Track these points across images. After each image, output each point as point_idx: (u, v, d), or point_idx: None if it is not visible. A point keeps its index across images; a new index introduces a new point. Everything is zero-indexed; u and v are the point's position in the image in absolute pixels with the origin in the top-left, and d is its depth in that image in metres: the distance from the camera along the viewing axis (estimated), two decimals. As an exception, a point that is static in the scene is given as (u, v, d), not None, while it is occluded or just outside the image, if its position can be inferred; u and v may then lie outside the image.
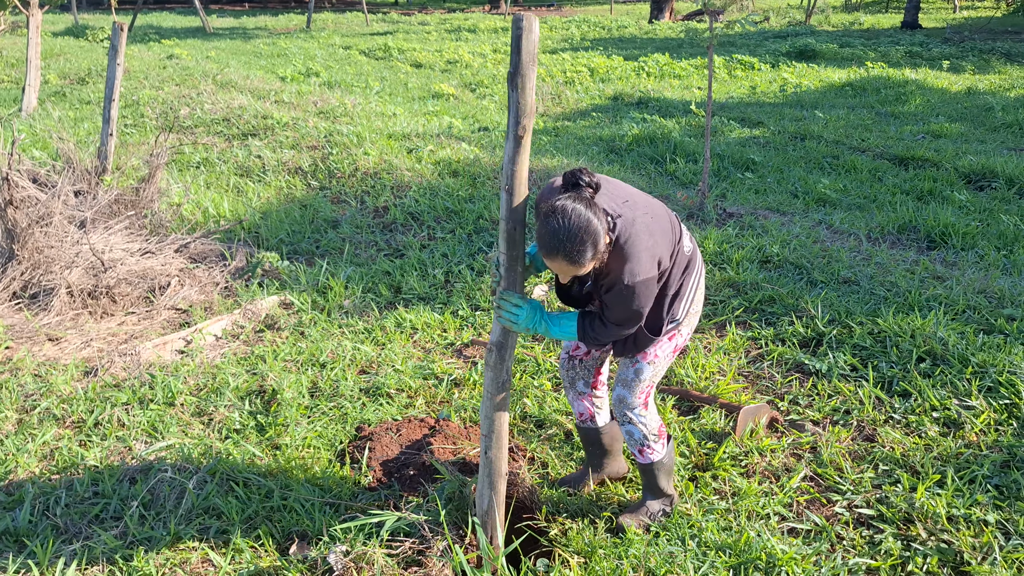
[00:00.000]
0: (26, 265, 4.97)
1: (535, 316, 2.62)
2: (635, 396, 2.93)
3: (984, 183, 7.90)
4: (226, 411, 3.90)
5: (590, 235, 2.38)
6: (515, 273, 2.60)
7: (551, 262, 2.44)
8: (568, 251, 2.38)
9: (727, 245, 5.75)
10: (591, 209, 2.40)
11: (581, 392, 3.19)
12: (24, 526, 3.05)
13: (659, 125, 10.11)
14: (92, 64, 13.94)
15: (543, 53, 18.04)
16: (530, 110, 2.37)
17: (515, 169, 2.43)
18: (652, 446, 3.01)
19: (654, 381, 2.95)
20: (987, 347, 4.26)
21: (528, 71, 2.33)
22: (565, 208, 2.38)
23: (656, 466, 3.05)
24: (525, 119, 2.37)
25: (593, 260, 2.44)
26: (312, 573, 2.84)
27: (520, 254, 2.58)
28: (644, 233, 2.55)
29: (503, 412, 2.75)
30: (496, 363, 2.70)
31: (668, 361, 2.93)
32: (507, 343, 2.69)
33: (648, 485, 3.12)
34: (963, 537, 3.01)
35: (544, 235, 2.40)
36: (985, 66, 15.64)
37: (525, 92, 2.35)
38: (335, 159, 8.00)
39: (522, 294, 2.64)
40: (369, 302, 5.16)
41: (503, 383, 2.71)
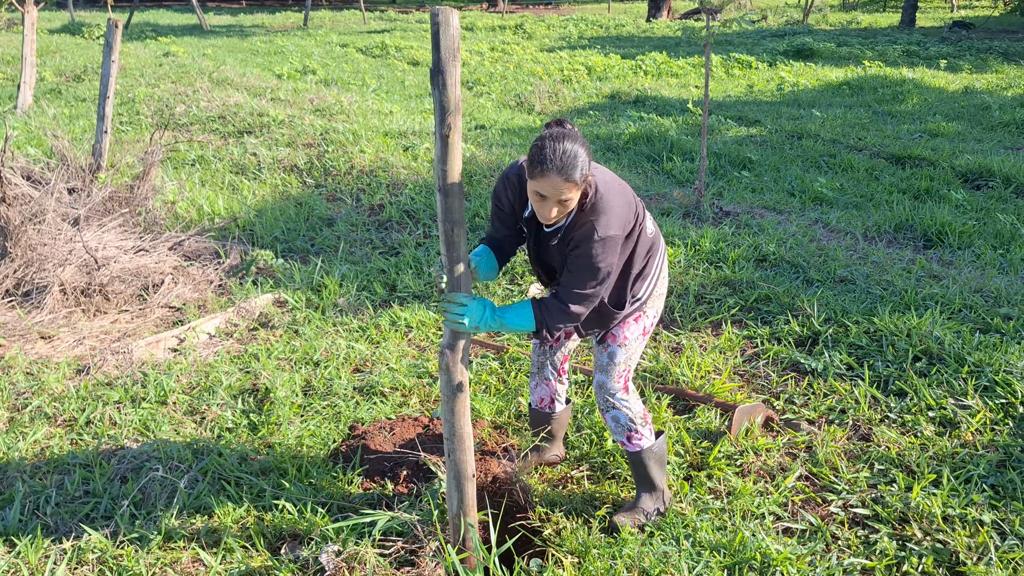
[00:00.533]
0: (19, 263, 4.94)
1: (484, 313, 2.58)
2: (613, 380, 2.97)
3: (981, 182, 7.89)
4: (219, 410, 3.87)
5: (580, 157, 2.46)
6: (457, 275, 2.54)
7: (543, 181, 2.46)
8: (561, 165, 2.43)
9: (723, 243, 5.74)
10: (576, 138, 2.50)
11: (547, 378, 3.35)
12: (14, 525, 3.02)
13: (656, 123, 10.09)
14: (88, 61, 13.89)
15: (541, 52, 18.02)
16: (455, 107, 2.30)
17: (445, 169, 2.37)
18: (639, 430, 3.02)
19: (630, 364, 2.99)
20: (983, 346, 4.24)
21: (449, 67, 2.25)
22: (556, 133, 2.49)
23: (646, 455, 3.05)
24: (450, 116, 2.30)
25: (582, 183, 2.49)
26: (304, 573, 2.82)
27: (461, 255, 2.50)
28: (617, 194, 2.64)
29: (463, 415, 2.66)
30: (449, 366, 2.61)
31: (640, 344, 2.98)
32: (457, 345, 2.59)
33: (640, 477, 3.11)
34: (959, 537, 2.99)
35: (535, 153, 2.46)
36: (983, 65, 15.64)
37: (447, 89, 2.27)
38: (331, 157, 7.98)
39: (467, 293, 2.57)
40: (364, 300, 5.14)
41: (458, 385, 2.62)
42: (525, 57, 16.90)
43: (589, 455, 3.56)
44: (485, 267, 2.87)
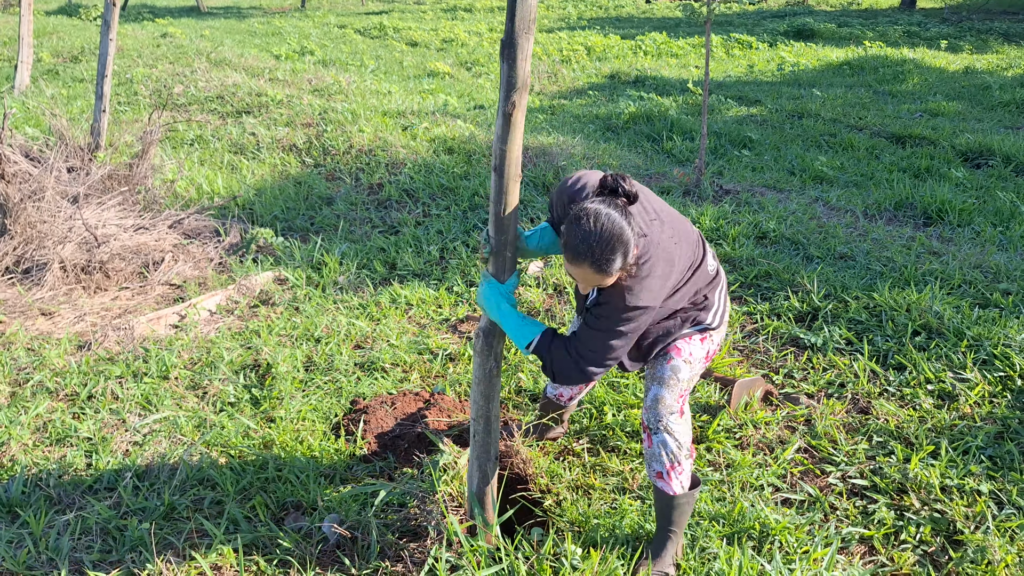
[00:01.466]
0: (18, 240, 4.94)
1: (492, 297, 2.44)
2: (674, 397, 2.62)
3: (981, 161, 7.88)
4: (220, 385, 3.89)
5: (622, 244, 2.23)
6: (502, 258, 2.44)
7: (576, 268, 2.28)
8: (597, 258, 2.22)
9: (723, 221, 5.73)
10: (625, 218, 2.26)
11: None
12: (17, 497, 3.04)
13: (656, 103, 10.06)
14: (85, 42, 13.82)
15: (539, 32, 17.92)
16: (522, 84, 2.17)
17: (504, 148, 2.25)
18: (682, 464, 2.65)
19: (691, 385, 2.69)
20: (982, 320, 4.26)
21: (522, 39, 2.13)
22: (599, 213, 2.24)
23: (683, 499, 2.68)
24: (516, 94, 2.18)
25: (620, 271, 2.29)
26: (307, 543, 2.84)
27: (510, 239, 2.40)
28: (663, 260, 2.40)
29: (493, 399, 2.64)
30: (483, 349, 2.57)
31: (701, 367, 2.70)
32: (494, 329, 2.55)
33: (668, 520, 2.71)
34: (956, 507, 3.01)
35: (571, 239, 2.24)
36: (983, 45, 15.58)
37: (516, 63, 2.14)
38: (330, 136, 7.95)
39: (499, 273, 2.46)
40: (364, 278, 5.14)
41: (490, 370, 2.59)
42: (524, 38, 16.79)
43: (589, 428, 3.58)
44: (538, 241, 2.61)
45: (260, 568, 2.73)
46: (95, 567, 2.73)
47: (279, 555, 2.78)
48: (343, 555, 2.77)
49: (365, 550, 2.78)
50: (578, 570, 2.60)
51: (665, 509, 2.69)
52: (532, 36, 2.17)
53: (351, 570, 2.71)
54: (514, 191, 2.34)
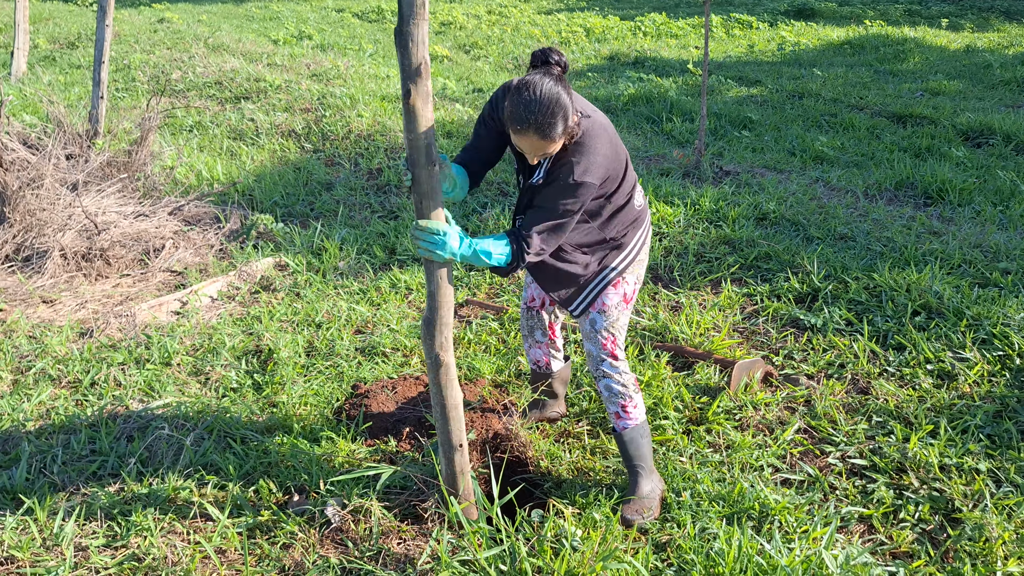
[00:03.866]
0: (18, 228, 4.94)
1: (459, 242, 2.46)
2: (599, 347, 2.92)
3: (981, 140, 7.86)
4: (223, 370, 3.90)
5: (560, 107, 2.38)
6: (436, 202, 2.42)
7: (521, 137, 2.42)
8: (539, 123, 2.37)
9: (723, 203, 5.73)
10: (559, 84, 2.40)
11: (539, 341, 3.38)
12: (21, 483, 3.06)
13: (655, 84, 10.02)
14: (82, 28, 13.75)
15: (538, 14, 17.82)
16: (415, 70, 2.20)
17: (411, 138, 2.30)
18: (632, 396, 2.95)
19: (615, 332, 2.91)
20: (982, 300, 4.26)
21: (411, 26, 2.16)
22: (535, 82, 2.39)
23: (637, 431, 2.97)
24: (410, 82, 2.21)
25: (563, 136, 2.44)
26: (310, 526, 2.86)
27: (438, 185, 2.40)
28: (605, 141, 2.59)
29: (447, 386, 2.63)
30: (426, 337, 2.57)
31: (622, 311, 2.91)
32: (434, 318, 2.53)
33: (631, 457, 2.98)
34: (955, 485, 3.03)
35: (515, 108, 2.39)
36: (984, 24, 15.48)
37: (407, 49, 2.18)
38: (328, 121, 7.93)
39: (440, 219, 2.46)
40: (364, 263, 5.15)
41: (435, 358, 2.58)
42: (523, 20, 16.72)
43: (589, 411, 3.60)
44: (459, 189, 2.71)
45: (264, 551, 2.75)
46: (100, 552, 2.75)
47: (283, 538, 2.80)
48: (346, 538, 2.80)
49: (368, 533, 2.80)
50: (578, 551, 2.62)
51: (628, 446, 2.98)
52: (424, 21, 2.19)
53: (354, 553, 2.73)
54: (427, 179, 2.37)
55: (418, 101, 2.27)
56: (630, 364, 3.87)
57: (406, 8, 2.18)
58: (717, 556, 2.64)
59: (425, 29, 2.22)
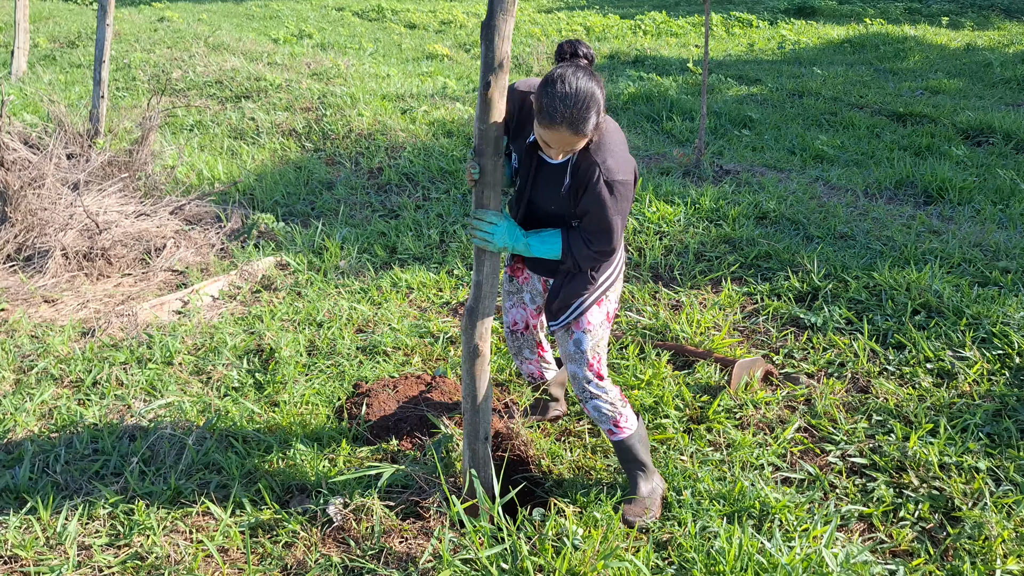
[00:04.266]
0: (19, 227, 4.95)
1: (514, 232, 2.52)
2: (585, 368, 2.85)
3: (982, 139, 7.86)
4: (224, 370, 3.91)
5: (595, 102, 2.31)
6: (498, 192, 2.51)
7: (551, 132, 2.34)
8: (573, 117, 2.29)
9: (723, 202, 5.73)
10: (593, 79, 2.33)
11: (528, 358, 3.35)
12: (24, 483, 3.07)
13: (656, 83, 10.02)
14: (82, 27, 13.75)
15: (538, 13, 17.82)
16: (498, 64, 2.27)
17: (482, 128, 2.37)
18: (622, 412, 2.93)
19: (599, 351, 2.86)
20: (982, 299, 4.27)
21: (499, 20, 2.23)
22: (568, 75, 2.30)
23: (632, 440, 2.96)
24: (491, 75, 2.28)
25: (594, 131, 2.37)
26: (312, 525, 2.87)
27: (501, 176, 2.50)
28: (620, 139, 2.56)
29: (479, 377, 2.69)
30: (467, 327, 2.64)
31: (605, 330, 2.86)
32: (478, 307, 2.61)
33: (630, 462, 3.01)
34: (954, 484, 3.04)
35: (548, 101, 2.29)
36: (984, 22, 15.48)
37: (492, 43, 2.25)
38: (329, 121, 7.94)
39: (498, 211, 2.54)
40: (365, 262, 5.16)
41: (473, 349, 2.65)
42: (523, 19, 16.72)
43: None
44: (507, 179, 2.73)
45: (266, 550, 2.76)
46: (103, 551, 2.76)
47: (285, 537, 2.81)
48: (348, 537, 2.81)
49: (369, 531, 2.82)
50: (580, 549, 2.63)
51: (626, 452, 2.98)
52: (511, 17, 2.27)
53: (355, 551, 2.74)
54: (492, 170, 2.47)
55: (495, 93, 2.34)
56: (631, 363, 3.88)
57: (496, 3, 2.24)
58: (718, 554, 2.65)
59: (511, 25, 2.28)
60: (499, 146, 2.44)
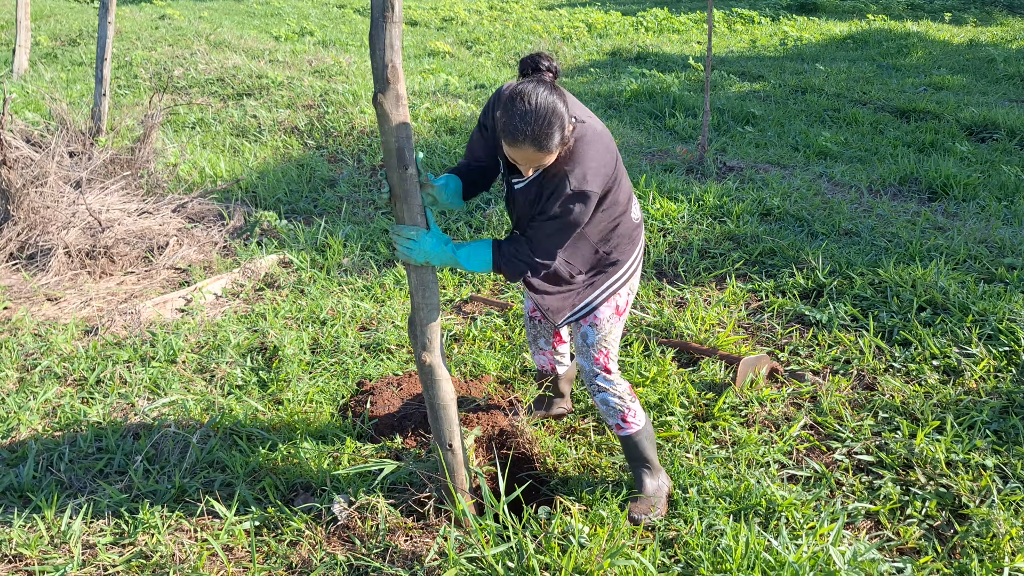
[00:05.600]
0: (22, 226, 4.94)
1: (433, 245, 2.43)
2: (592, 362, 2.85)
3: (985, 134, 7.84)
4: (228, 368, 3.90)
5: (557, 117, 2.25)
6: (411, 205, 2.44)
7: (516, 151, 2.29)
8: (536, 135, 2.24)
9: (727, 199, 5.72)
10: (555, 93, 2.28)
11: (543, 348, 3.35)
12: (28, 482, 3.07)
13: (658, 80, 10.00)
14: (83, 25, 13.73)
15: (540, 10, 17.79)
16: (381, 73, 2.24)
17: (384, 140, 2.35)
18: (630, 406, 2.91)
19: (608, 346, 2.83)
20: (987, 296, 4.25)
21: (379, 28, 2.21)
22: (528, 91, 2.25)
23: (639, 436, 2.94)
24: (378, 84, 2.26)
25: (560, 146, 2.31)
26: (317, 523, 2.86)
27: (413, 188, 2.42)
28: (601, 147, 2.45)
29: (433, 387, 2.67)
30: (411, 339, 2.63)
31: (615, 324, 2.82)
32: (415, 319, 2.57)
33: (636, 459, 2.99)
34: (961, 481, 3.03)
35: (509, 120, 2.25)
36: (987, 18, 15.44)
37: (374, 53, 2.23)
38: (331, 118, 7.93)
39: (420, 224, 2.46)
40: (368, 260, 5.15)
41: (419, 360, 2.63)
42: (524, 15, 16.70)
43: (595, 407, 3.59)
44: (447, 195, 2.60)
45: (271, 549, 2.76)
46: (107, 550, 2.75)
47: (290, 536, 2.80)
48: (352, 535, 2.80)
49: (374, 530, 2.81)
50: (586, 547, 2.62)
51: (632, 449, 2.97)
52: (395, 24, 2.21)
53: (361, 550, 2.73)
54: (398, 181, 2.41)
55: (387, 103, 2.28)
56: (636, 360, 3.87)
57: (376, 12, 2.20)
58: (724, 552, 2.64)
59: (396, 32, 2.22)
60: (403, 157, 2.35)
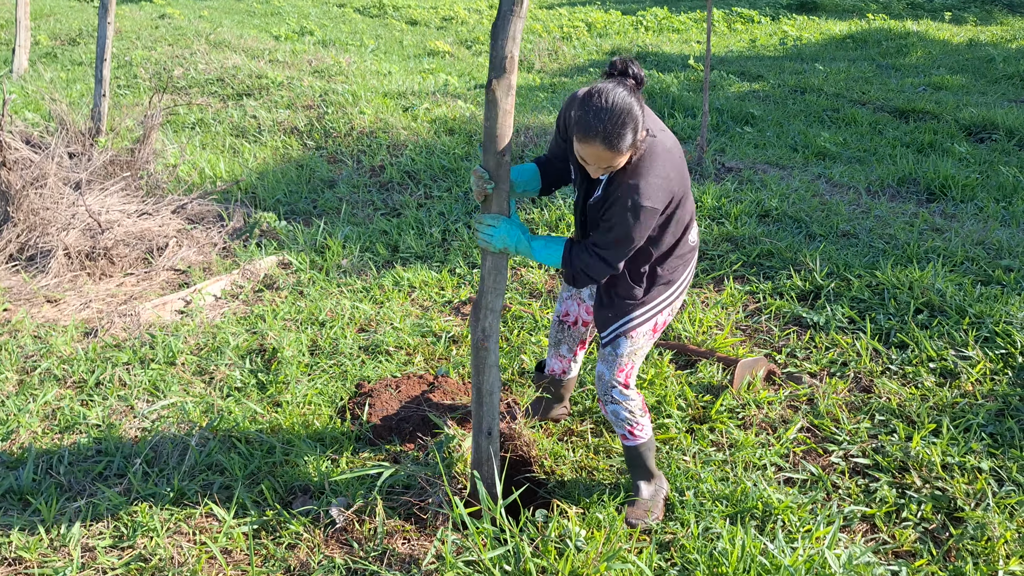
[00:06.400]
0: (22, 227, 4.95)
1: (513, 234, 2.52)
2: (614, 372, 2.83)
3: (984, 135, 7.85)
4: (227, 370, 3.91)
5: (632, 119, 2.29)
6: (502, 190, 2.54)
7: (587, 147, 2.33)
8: (607, 133, 2.27)
9: (725, 200, 5.73)
10: (634, 95, 2.32)
11: (563, 355, 3.31)
12: (27, 485, 3.08)
13: (657, 80, 10.00)
14: (83, 24, 13.74)
15: (540, 8, 17.78)
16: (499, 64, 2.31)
17: (487, 126, 2.42)
18: (639, 421, 2.90)
19: (634, 359, 2.84)
20: (984, 298, 4.26)
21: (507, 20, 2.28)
22: (608, 90, 2.30)
23: (644, 447, 2.95)
24: (493, 73, 2.34)
25: (631, 148, 2.34)
26: (315, 526, 2.88)
27: (506, 174, 2.52)
28: (668, 162, 2.47)
29: (481, 372, 2.72)
30: (472, 321, 2.69)
31: (647, 340, 2.83)
32: (481, 302, 2.65)
33: (637, 468, 3.00)
34: (957, 484, 3.04)
35: (583, 115, 2.30)
36: (988, 17, 15.43)
37: (496, 42, 2.31)
38: (331, 118, 7.93)
39: (504, 210, 2.56)
40: (367, 261, 5.16)
41: (476, 341, 2.68)
42: (524, 14, 16.66)
43: (592, 409, 3.61)
44: (526, 184, 2.74)
45: (269, 551, 2.77)
46: (107, 553, 2.77)
47: (288, 539, 2.82)
48: (350, 538, 2.81)
49: (372, 533, 2.82)
50: (583, 551, 2.64)
51: (635, 459, 2.99)
52: (520, 19, 2.31)
53: (358, 553, 2.75)
54: (494, 165, 2.49)
55: (499, 90, 2.36)
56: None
57: (505, 6, 2.28)
58: (721, 556, 2.65)
59: (519, 26, 2.32)
60: (504, 144, 2.45)
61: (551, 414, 3.54)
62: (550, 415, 3.54)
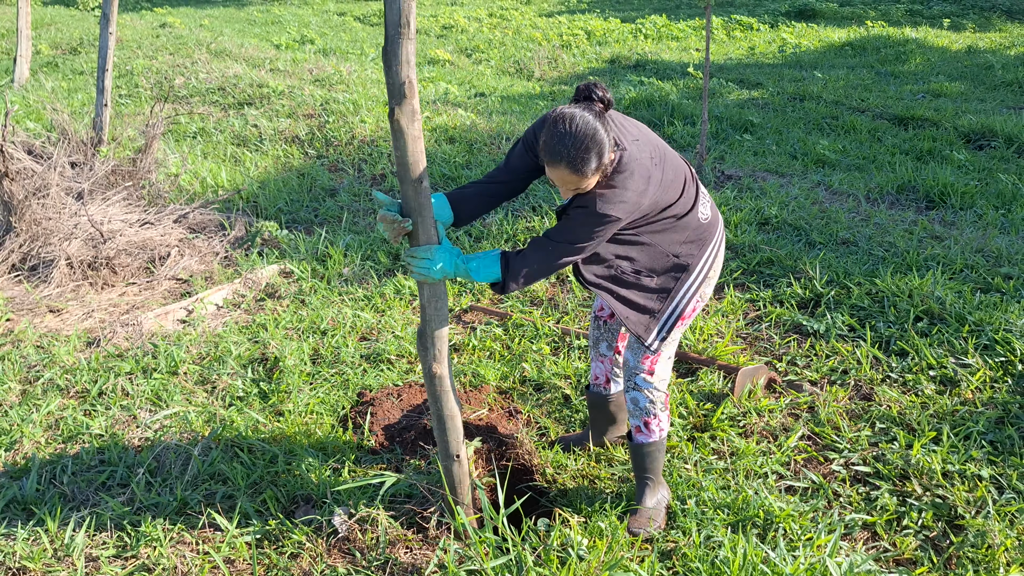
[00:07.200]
0: (24, 237, 4.97)
1: (449, 261, 2.47)
2: (639, 359, 2.82)
3: (983, 142, 7.87)
4: (229, 379, 3.93)
5: (596, 143, 2.31)
6: (425, 218, 2.46)
7: (554, 170, 2.36)
8: (572, 158, 2.30)
9: (725, 207, 5.75)
10: (599, 120, 2.34)
11: (603, 354, 3.21)
12: (31, 495, 3.09)
13: (656, 88, 10.04)
14: (84, 34, 13.79)
15: (539, 17, 17.84)
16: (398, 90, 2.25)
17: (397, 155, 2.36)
18: (658, 414, 2.89)
19: (662, 348, 2.81)
20: (984, 306, 4.28)
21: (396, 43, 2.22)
22: (573, 115, 2.33)
23: (655, 446, 2.93)
24: (394, 100, 2.26)
25: (596, 173, 2.36)
26: (317, 535, 2.88)
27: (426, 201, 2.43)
28: (641, 177, 2.45)
29: (440, 398, 2.70)
30: (420, 351, 2.66)
31: (677, 327, 2.78)
32: (425, 331, 2.61)
33: (642, 469, 2.97)
34: (957, 492, 3.05)
35: (548, 140, 2.34)
36: (986, 24, 15.49)
37: (390, 69, 2.24)
38: (332, 127, 7.96)
39: (433, 237, 2.49)
40: (368, 269, 5.17)
41: (428, 371, 2.67)
42: (524, 23, 16.75)
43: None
44: (436, 215, 2.61)
45: (272, 561, 2.78)
46: (110, 563, 2.77)
47: (291, 548, 2.83)
48: (353, 547, 2.82)
49: (375, 542, 2.83)
50: (585, 560, 2.64)
51: (642, 459, 2.96)
52: (409, 39, 2.24)
53: (361, 562, 2.76)
54: (413, 196, 2.41)
55: (403, 118, 2.30)
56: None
57: (391, 29, 2.22)
58: (722, 564, 2.66)
59: (411, 49, 2.25)
60: (418, 171, 2.38)
61: (608, 437, 3.41)
62: (608, 439, 3.41)
